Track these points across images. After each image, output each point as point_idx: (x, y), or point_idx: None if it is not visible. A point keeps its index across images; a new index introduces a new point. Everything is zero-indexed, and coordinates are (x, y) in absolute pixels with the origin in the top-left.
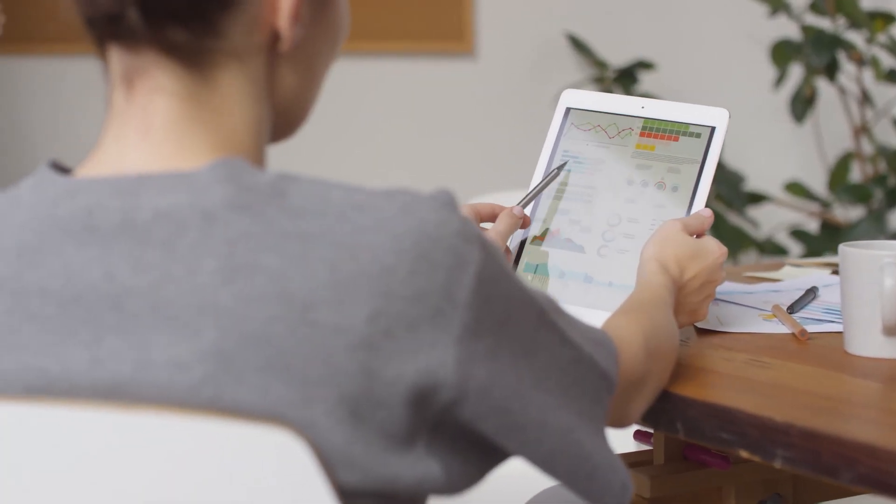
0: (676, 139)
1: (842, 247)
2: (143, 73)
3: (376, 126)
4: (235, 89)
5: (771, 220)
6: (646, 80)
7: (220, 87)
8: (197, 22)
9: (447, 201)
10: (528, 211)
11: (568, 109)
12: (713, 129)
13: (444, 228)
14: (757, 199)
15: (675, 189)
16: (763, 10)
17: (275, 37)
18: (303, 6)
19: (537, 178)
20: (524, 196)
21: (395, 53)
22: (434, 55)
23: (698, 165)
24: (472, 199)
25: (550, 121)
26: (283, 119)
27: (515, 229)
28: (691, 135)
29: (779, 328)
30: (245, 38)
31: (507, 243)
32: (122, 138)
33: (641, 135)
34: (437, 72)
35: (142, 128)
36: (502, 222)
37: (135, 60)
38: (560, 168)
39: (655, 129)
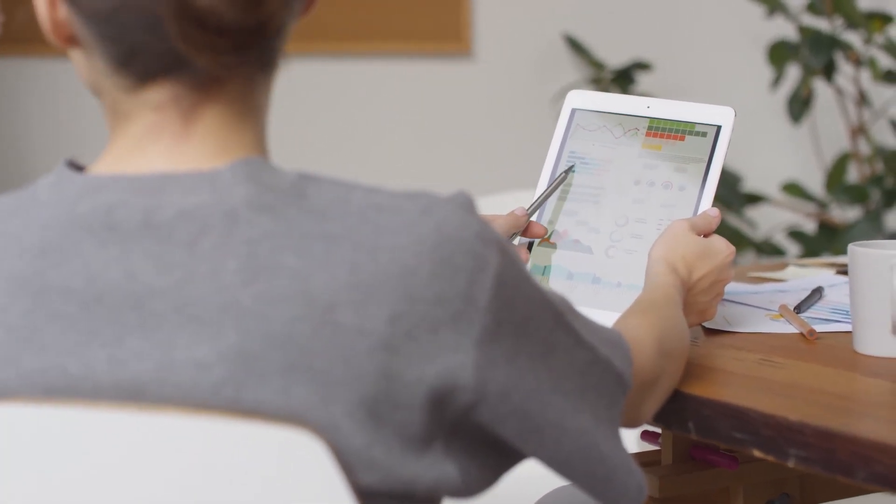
0: (682, 138)
1: (851, 246)
2: (209, 95)
3: (374, 127)
4: (269, 84)
5: (768, 221)
6: (643, 80)
7: (265, 84)
8: (280, 39)
9: (466, 204)
10: (535, 217)
11: (574, 110)
12: (719, 127)
13: (464, 231)
14: (754, 199)
15: (682, 188)
16: (760, 10)
17: None
18: None
19: (543, 180)
20: (532, 202)
21: (393, 54)
22: (432, 56)
23: (705, 164)
24: (481, 197)
25: (548, 121)
26: None
27: (517, 229)
28: (697, 134)
29: (787, 328)
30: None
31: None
32: (146, 143)
33: (647, 135)
34: (435, 73)
35: (181, 132)
36: (505, 219)
37: (197, 87)
38: (567, 171)
39: (661, 129)
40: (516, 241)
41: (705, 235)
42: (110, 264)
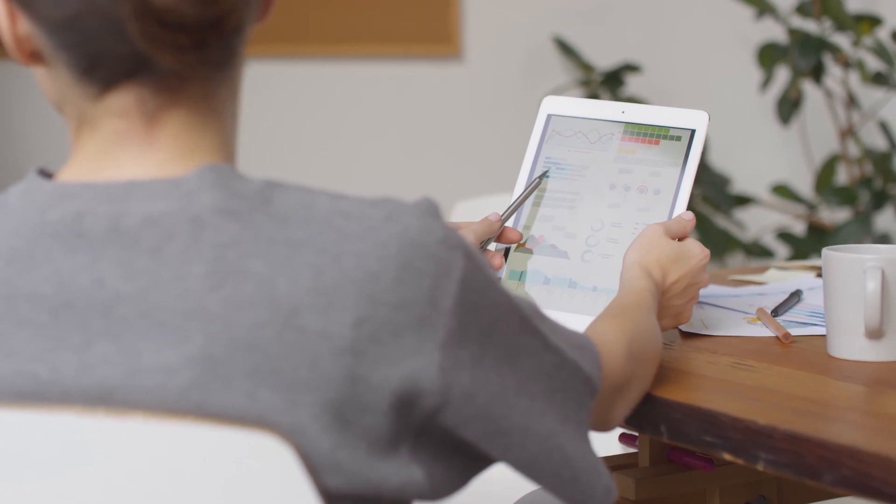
0: (657, 143)
1: (825, 250)
2: (172, 97)
3: (364, 129)
4: (233, 88)
5: (757, 223)
6: (633, 82)
7: (227, 87)
8: (240, 39)
9: (431, 209)
10: (511, 223)
11: (549, 116)
12: (693, 131)
13: (428, 236)
14: (743, 201)
15: (657, 192)
16: (749, 12)
17: None
18: None
19: (520, 185)
20: (507, 208)
21: (383, 57)
22: (421, 58)
23: (679, 168)
24: (460, 201)
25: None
26: None
27: (490, 234)
28: (672, 138)
29: (763, 331)
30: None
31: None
32: (113, 149)
33: (623, 139)
34: (424, 75)
35: (145, 139)
36: (479, 225)
37: (160, 89)
38: (541, 177)
39: (636, 134)
40: (492, 246)
41: (680, 239)
42: (79, 271)
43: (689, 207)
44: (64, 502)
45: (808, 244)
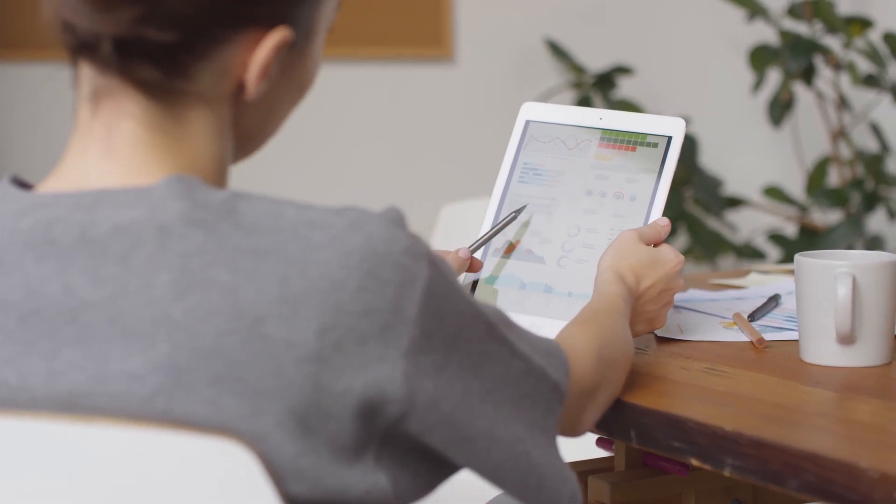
0: (634, 149)
1: (797, 256)
2: (111, 95)
3: (355, 131)
4: (200, 126)
5: (749, 225)
6: (624, 85)
7: (185, 121)
8: (168, 64)
9: (396, 219)
10: (479, 254)
11: (527, 122)
12: (670, 138)
13: (392, 245)
14: (735, 203)
15: (633, 199)
16: (741, 14)
17: (242, 86)
18: (272, 66)
19: (497, 191)
20: (476, 239)
21: (374, 59)
22: (413, 60)
23: (656, 175)
24: (450, 203)
25: None
26: (242, 148)
27: (462, 270)
28: (648, 145)
29: (739, 336)
30: (213, 85)
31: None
32: (85, 154)
33: (600, 146)
34: (415, 77)
35: (105, 146)
36: (450, 260)
37: (104, 81)
38: (518, 212)
39: (613, 140)
40: (462, 278)
41: (655, 245)
42: (49, 278)
43: (680, 209)
44: None
45: (799, 246)
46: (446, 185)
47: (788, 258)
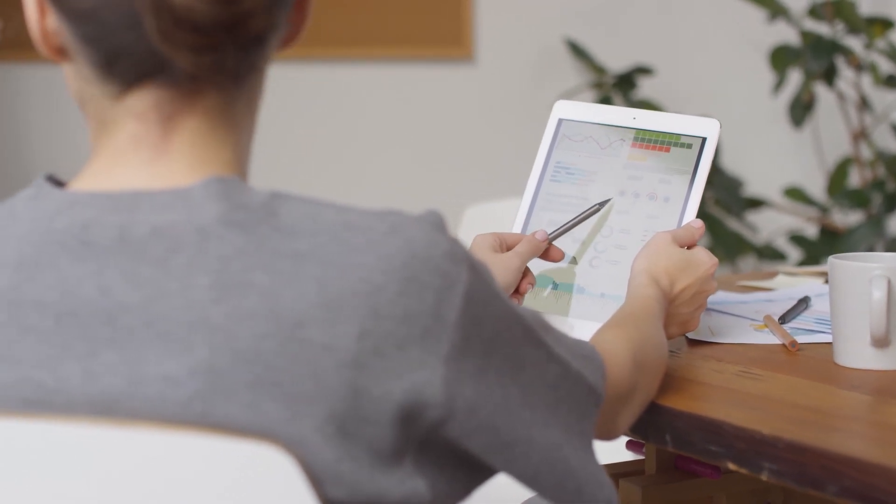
0: (668, 150)
1: (831, 259)
2: (189, 102)
3: (376, 131)
4: (252, 104)
5: (770, 226)
6: (645, 85)
7: (245, 101)
8: (257, 47)
9: (436, 222)
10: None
11: (560, 121)
12: (704, 139)
13: (432, 249)
14: (756, 204)
15: (666, 200)
16: (762, 15)
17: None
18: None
19: (529, 191)
20: (557, 227)
21: (394, 59)
22: (433, 60)
23: (689, 176)
24: (471, 205)
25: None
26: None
27: (537, 253)
28: (682, 145)
29: (770, 339)
30: (272, 51)
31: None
32: (127, 155)
33: (633, 146)
34: (436, 77)
35: (159, 146)
36: (524, 245)
37: (177, 93)
38: (602, 204)
39: (647, 140)
40: (535, 269)
41: (689, 247)
42: (84, 279)
43: (701, 210)
44: None
45: (820, 247)
46: (466, 185)
47: (809, 259)
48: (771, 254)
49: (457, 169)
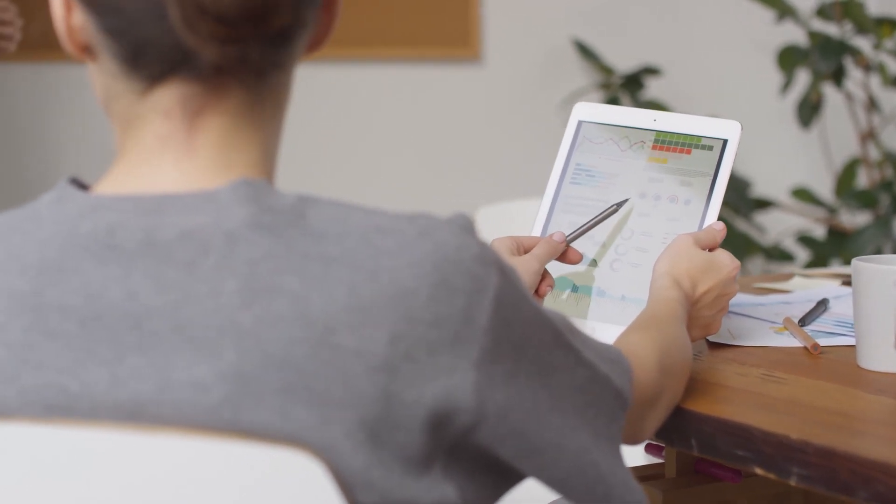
0: (689, 152)
1: (855, 261)
2: (214, 98)
3: (383, 132)
4: (278, 104)
5: (777, 226)
6: (652, 86)
7: (272, 101)
8: (283, 44)
9: (466, 225)
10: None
11: (580, 122)
12: (725, 141)
13: (462, 252)
14: (763, 204)
15: (687, 202)
16: (770, 15)
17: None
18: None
19: (549, 192)
20: (575, 229)
21: (402, 59)
22: (440, 61)
23: (710, 178)
24: (481, 206)
25: (556, 127)
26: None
27: (554, 255)
28: (703, 147)
29: (791, 341)
30: (300, 51)
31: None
32: (154, 154)
33: (654, 148)
34: (443, 78)
35: (186, 146)
36: (542, 247)
37: (203, 88)
38: (619, 204)
39: (668, 142)
40: (555, 271)
41: (710, 249)
42: (110, 284)
43: None
44: None
45: (828, 248)
46: (473, 185)
47: (817, 260)
48: (779, 254)
49: (463, 169)
